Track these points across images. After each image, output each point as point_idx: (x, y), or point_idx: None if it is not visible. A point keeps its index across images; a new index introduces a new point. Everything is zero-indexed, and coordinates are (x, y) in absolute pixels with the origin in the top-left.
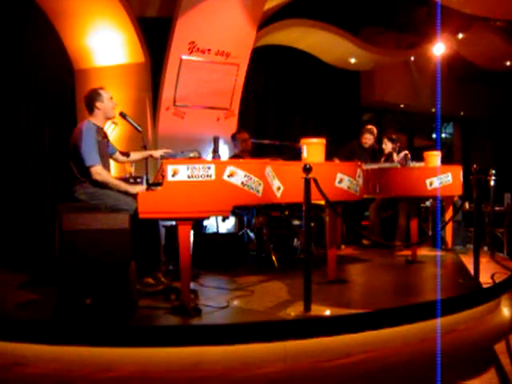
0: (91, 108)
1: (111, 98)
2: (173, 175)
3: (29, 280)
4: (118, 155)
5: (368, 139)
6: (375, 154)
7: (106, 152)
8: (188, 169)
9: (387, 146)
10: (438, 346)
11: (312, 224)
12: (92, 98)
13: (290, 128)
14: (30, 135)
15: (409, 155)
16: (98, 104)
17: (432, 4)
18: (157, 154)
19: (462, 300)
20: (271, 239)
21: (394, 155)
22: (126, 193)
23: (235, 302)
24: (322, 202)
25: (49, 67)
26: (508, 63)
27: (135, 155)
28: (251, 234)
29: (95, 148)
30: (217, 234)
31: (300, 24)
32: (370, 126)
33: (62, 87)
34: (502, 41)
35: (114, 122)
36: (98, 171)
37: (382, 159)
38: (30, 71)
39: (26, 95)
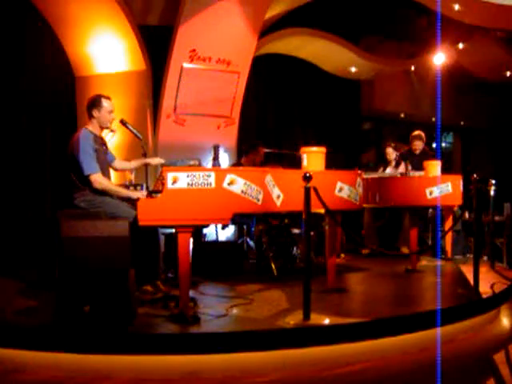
0: (89, 114)
1: (111, 112)
2: (173, 183)
3: (27, 286)
4: (116, 163)
5: (418, 145)
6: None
7: (104, 159)
8: (188, 176)
9: (391, 155)
10: (438, 356)
11: (312, 233)
12: (91, 105)
13: (290, 136)
14: (30, 141)
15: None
16: (94, 112)
17: (432, 13)
18: (154, 161)
19: (461, 310)
20: (271, 247)
21: (402, 165)
22: (126, 200)
23: (234, 310)
24: (322, 211)
25: (49, 74)
26: (508, 73)
27: (133, 163)
28: (251, 243)
29: (93, 156)
30: (216, 242)
31: (300, 33)
32: (417, 132)
33: (63, 94)
34: (503, 51)
35: (111, 130)
36: (97, 179)
37: (388, 167)
38: (30, 77)
39: (27, 101)
